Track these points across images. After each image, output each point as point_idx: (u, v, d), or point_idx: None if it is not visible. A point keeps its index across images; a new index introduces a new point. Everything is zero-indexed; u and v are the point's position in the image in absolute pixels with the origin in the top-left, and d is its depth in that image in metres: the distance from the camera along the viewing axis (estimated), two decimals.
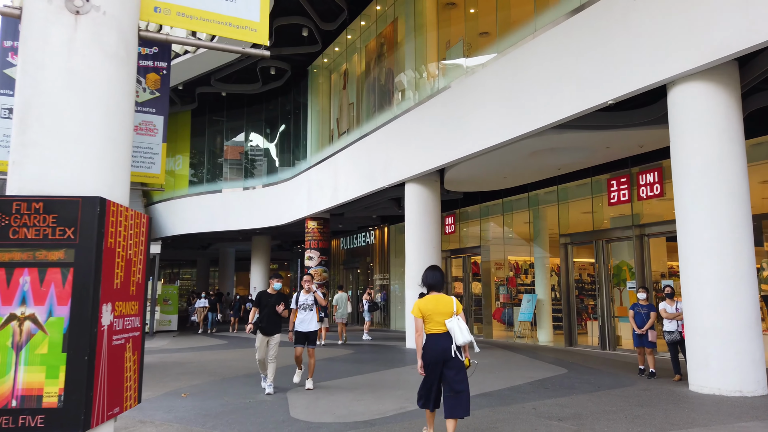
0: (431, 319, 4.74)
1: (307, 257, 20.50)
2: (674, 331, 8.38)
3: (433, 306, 4.77)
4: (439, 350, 4.68)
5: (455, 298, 4.87)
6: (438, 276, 4.95)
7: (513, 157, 12.19)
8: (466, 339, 4.67)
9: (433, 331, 4.74)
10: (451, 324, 4.67)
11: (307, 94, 21.70)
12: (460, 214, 18.39)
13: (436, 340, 4.71)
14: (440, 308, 4.75)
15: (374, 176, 15.62)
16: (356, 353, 12.70)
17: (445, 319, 4.70)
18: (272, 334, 7.72)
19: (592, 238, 13.57)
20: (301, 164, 21.48)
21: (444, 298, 4.83)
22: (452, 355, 4.66)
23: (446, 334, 4.70)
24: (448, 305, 4.77)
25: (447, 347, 4.67)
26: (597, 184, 13.47)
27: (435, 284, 4.91)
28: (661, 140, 10.91)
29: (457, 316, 4.72)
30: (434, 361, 4.70)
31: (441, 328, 4.71)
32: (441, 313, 4.73)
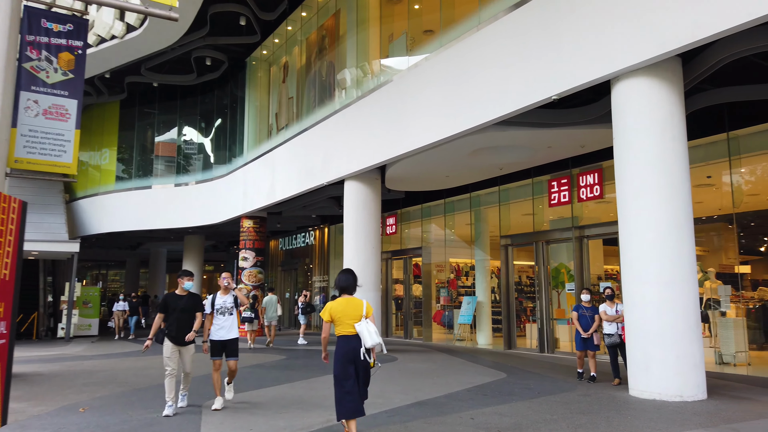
0: (342, 322, 4.82)
1: (242, 258, 19.52)
2: (614, 334, 8.16)
3: (344, 309, 4.84)
4: (350, 350, 4.77)
5: (365, 302, 4.93)
6: (350, 279, 5.02)
7: (455, 155, 11.83)
8: (374, 341, 4.76)
9: (343, 333, 4.82)
10: (360, 327, 4.75)
11: (245, 87, 20.74)
12: (401, 214, 17.96)
13: (347, 342, 4.79)
14: (351, 311, 4.83)
15: (313, 173, 14.94)
16: (288, 359, 11.96)
17: (354, 322, 4.78)
18: (184, 344, 6.53)
19: (532, 240, 13.40)
20: (238, 160, 20.49)
21: (355, 301, 4.90)
22: (361, 357, 4.75)
23: (356, 336, 4.78)
24: (359, 308, 4.86)
25: (357, 348, 4.76)
26: (538, 185, 13.33)
27: (347, 287, 4.98)
28: (602, 141, 10.81)
29: (366, 320, 4.82)
30: (346, 362, 4.76)
31: (351, 330, 4.80)
32: (351, 316, 4.81)
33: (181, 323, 6.54)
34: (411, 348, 14.21)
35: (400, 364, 10.81)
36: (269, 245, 26.77)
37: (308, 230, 23.18)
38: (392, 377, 9.10)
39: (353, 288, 5.00)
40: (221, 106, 22.66)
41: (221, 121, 22.67)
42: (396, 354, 12.62)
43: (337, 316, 4.83)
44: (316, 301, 22.14)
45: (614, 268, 17.65)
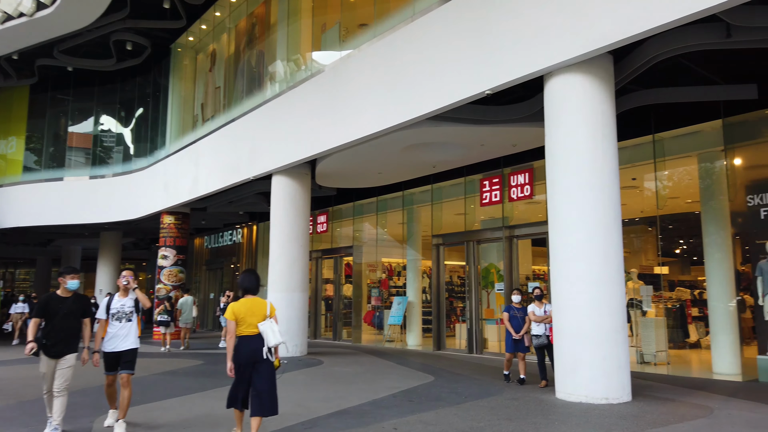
0: (245, 322, 4.85)
1: (161, 256, 18.36)
2: (542, 335, 8.02)
3: (247, 309, 4.87)
4: (249, 352, 4.82)
5: (270, 302, 5.00)
6: (253, 280, 5.07)
7: (388, 150, 11.46)
8: (277, 341, 4.84)
9: (245, 333, 4.85)
10: (264, 327, 4.81)
11: (169, 75, 19.54)
12: (333, 212, 17.44)
13: (248, 342, 4.83)
14: (254, 311, 4.88)
15: (239, 167, 14.15)
16: (205, 364, 11.18)
17: (258, 322, 4.83)
18: (62, 355, 5.47)
19: (463, 240, 13.25)
20: (159, 153, 19.27)
21: (258, 302, 4.95)
22: (263, 356, 4.81)
23: (258, 336, 4.83)
24: (262, 308, 4.92)
25: (258, 349, 4.81)
26: (470, 184, 13.19)
27: (250, 288, 5.02)
28: (533, 140, 10.75)
29: (270, 320, 4.87)
30: (245, 362, 4.82)
31: (254, 331, 4.85)
32: (255, 315, 4.86)
33: (63, 331, 5.50)
34: (339, 350, 13.72)
35: (325, 368, 10.31)
36: (193, 243, 25.49)
37: (235, 228, 22.20)
38: (315, 383, 8.58)
39: (256, 288, 5.05)
40: (143, 95, 21.30)
41: (143, 111, 21.30)
42: (322, 357, 12.10)
43: (240, 316, 4.84)
44: None
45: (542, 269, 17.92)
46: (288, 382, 8.63)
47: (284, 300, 12.52)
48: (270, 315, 4.90)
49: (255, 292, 5.03)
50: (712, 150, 9.54)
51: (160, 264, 18.37)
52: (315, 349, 13.85)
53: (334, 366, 10.65)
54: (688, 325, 13.52)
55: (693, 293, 14.79)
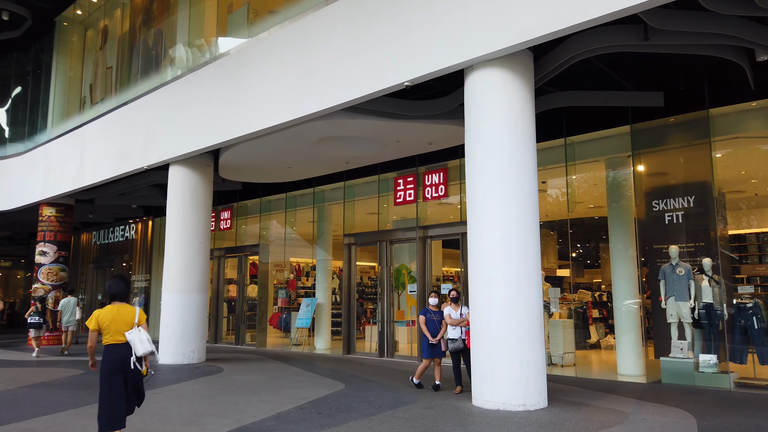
0: (111, 330, 4.60)
1: (40, 252, 16.38)
2: (458, 338, 7.72)
3: (114, 316, 4.62)
4: (117, 361, 4.56)
5: (139, 308, 4.77)
6: (122, 285, 4.87)
7: (298, 143, 10.76)
8: (146, 349, 4.63)
9: (111, 342, 4.59)
10: (132, 335, 4.59)
11: (53, 51, 17.51)
12: (238, 208, 16.39)
13: (115, 351, 4.58)
14: (122, 318, 4.63)
15: (131, 155, 12.81)
16: (85, 373, 9.88)
17: (126, 330, 4.60)
18: None
19: (376, 239, 12.82)
20: (40, 137, 17.21)
21: (126, 309, 4.70)
22: (131, 366, 4.58)
23: (126, 345, 4.59)
24: (131, 316, 4.67)
25: (126, 357, 4.57)
26: (384, 183, 12.79)
27: (117, 294, 4.77)
28: (449, 139, 10.52)
29: (138, 327, 4.66)
30: (114, 372, 4.54)
31: (121, 339, 4.60)
32: (123, 323, 4.62)
33: None
34: (241, 356, 12.80)
35: (225, 377, 9.43)
36: (80, 239, 23.21)
37: (128, 223, 20.39)
38: (213, 395, 7.73)
39: (125, 295, 4.83)
40: (22, 72, 18.98)
41: (21, 90, 18.98)
42: (222, 363, 11.16)
43: (105, 324, 4.58)
44: (135, 304, 19.51)
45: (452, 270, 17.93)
46: (181, 394, 7.72)
47: (180, 302, 11.45)
48: (139, 323, 4.67)
49: (123, 298, 4.78)
50: (619, 155, 9.77)
51: (38, 261, 16.38)
52: (215, 354, 12.84)
53: (235, 374, 9.80)
54: (589, 326, 13.98)
55: (593, 295, 15.38)
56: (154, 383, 8.78)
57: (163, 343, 11.49)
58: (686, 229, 8.86)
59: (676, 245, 8.84)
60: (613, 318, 14.51)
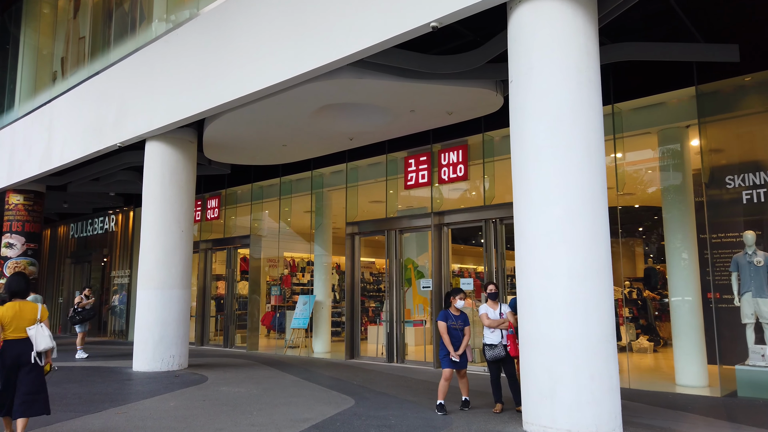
0: (12, 326, 4.71)
1: (6, 244, 14.70)
2: (498, 344, 6.17)
3: (15, 313, 4.73)
4: (15, 356, 4.69)
5: (41, 305, 4.90)
6: (22, 283, 4.97)
7: (294, 113, 9.19)
8: (47, 345, 4.76)
9: (12, 337, 4.72)
10: (32, 331, 4.74)
11: (21, 23, 15.82)
12: (226, 195, 14.78)
13: (14, 346, 4.71)
14: (24, 315, 4.76)
15: (103, 131, 11.18)
16: None
17: (27, 326, 4.74)
18: None
19: (383, 228, 11.25)
20: (5, 117, 15.52)
21: (28, 305, 4.82)
22: (31, 360, 4.70)
23: (25, 340, 4.73)
24: (33, 312, 4.82)
25: (24, 352, 4.70)
26: (393, 164, 11.23)
27: (18, 291, 4.91)
28: (472, 108, 8.99)
29: (40, 323, 4.80)
30: (10, 365, 4.68)
31: (21, 335, 4.73)
32: (24, 319, 4.75)
33: None
34: (230, 361, 11.21)
35: (208, 389, 7.85)
36: (56, 232, 21.51)
37: (108, 214, 18.71)
38: (190, 415, 6.15)
39: (25, 292, 4.97)
40: None
41: None
42: (207, 371, 9.57)
43: (6, 320, 4.70)
44: (115, 302, 17.87)
45: (468, 267, 16.21)
46: (150, 414, 6.13)
47: (157, 299, 9.84)
48: (41, 319, 4.84)
49: (23, 295, 4.94)
50: (677, 125, 8.26)
51: (4, 254, 14.70)
52: (200, 359, 11.24)
53: (220, 384, 8.22)
54: (619, 326, 12.49)
55: (623, 291, 13.88)
56: (119, 398, 7.19)
57: (139, 347, 9.89)
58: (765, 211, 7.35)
59: (752, 231, 7.34)
60: (647, 318, 13.09)
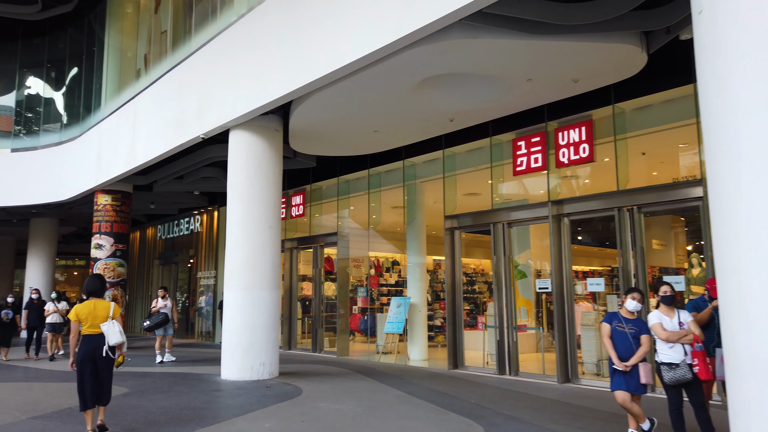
0: (87, 322, 5.24)
1: (95, 245, 14.62)
2: (680, 363, 4.72)
3: (90, 310, 5.26)
4: (90, 349, 5.21)
5: (114, 303, 5.41)
6: (97, 283, 5.49)
7: (390, 90, 8.06)
8: (118, 340, 5.27)
9: (87, 333, 5.24)
10: (106, 327, 5.24)
11: (106, 23, 15.77)
12: (311, 191, 13.95)
13: (89, 341, 5.23)
14: (97, 312, 5.28)
15: (185, 123, 10.58)
16: (131, 395, 7.58)
17: (101, 323, 5.25)
18: None
19: (488, 221, 9.92)
20: (94, 118, 15.50)
21: (102, 303, 5.38)
22: (103, 354, 5.22)
23: (99, 336, 5.24)
24: (105, 310, 5.34)
25: (98, 347, 5.23)
26: (497, 148, 9.88)
27: (93, 291, 5.43)
28: (604, 72, 7.50)
29: (112, 320, 5.29)
30: (86, 358, 5.18)
31: (96, 330, 5.25)
32: (97, 316, 5.27)
33: None
34: (322, 368, 10.27)
35: (305, 404, 6.86)
36: (145, 233, 21.73)
37: (193, 214, 18.51)
38: None
39: (101, 292, 5.48)
40: (77, 51, 17.43)
41: (77, 71, 17.45)
42: (299, 381, 8.63)
43: (83, 317, 5.23)
44: (201, 303, 17.59)
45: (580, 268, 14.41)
46: None
47: (244, 301, 9.05)
48: (113, 316, 5.29)
49: (99, 294, 5.42)
50: None
51: (93, 255, 14.64)
52: (290, 366, 10.40)
53: (318, 399, 7.23)
54: None
55: None
56: (208, 415, 6.33)
57: (227, 353, 9.12)
58: None
59: None
60: None
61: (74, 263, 35.20)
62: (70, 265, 34.93)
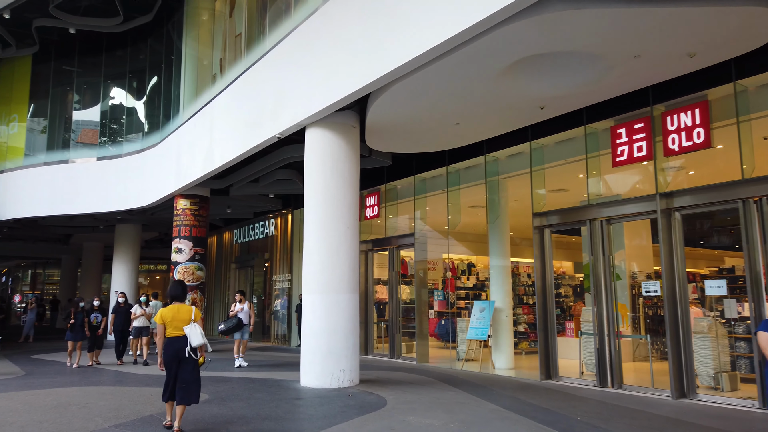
0: (171, 325, 5.67)
1: (175, 249, 14.84)
2: None
3: (174, 314, 5.70)
4: (174, 351, 5.63)
5: (195, 308, 5.82)
6: (179, 289, 5.94)
7: (476, 76, 7.42)
8: (199, 342, 5.65)
9: (171, 335, 5.67)
10: (188, 329, 5.65)
11: (183, 31, 16.04)
12: (386, 191, 13.49)
13: (173, 343, 5.66)
14: (180, 316, 5.71)
15: (261, 123, 10.39)
16: (212, 402, 7.34)
17: (184, 326, 5.66)
18: None
19: (583, 218, 9.05)
20: (172, 124, 15.78)
21: (184, 308, 5.80)
22: (186, 354, 5.62)
23: (183, 338, 5.65)
24: (188, 313, 5.75)
25: (182, 348, 5.63)
26: (593, 137, 9.00)
27: (176, 296, 5.89)
28: (723, 43, 6.53)
29: (194, 323, 5.70)
30: (171, 359, 5.63)
31: (179, 333, 5.66)
32: (181, 320, 5.69)
33: None
34: (403, 376, 9.73)
35: (393, 417, 6.33)
36: (222, 238, 22.09)
37: (268, 218, 18.56)
38: None
39: (182, 296, 5.91)
40: (156, 61, 17.90)
41: (156, 80, 17.91)
42: (382, 390, 8.12)
43: (168, 320, 5.67)
44: (277, 307, 17.55)
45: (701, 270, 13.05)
46: None
47: (322, 304, 8.68)
48: (195, 319, 5.71)
49: (181, 299, 5.87)
50: None
51: (174, 259, 14.86)
52: (369, 372, 9.94)
53: (405, 411, 6.68)
54: None
55: None
56: (291, 428, 5.92)
57: (306, 359, 8.77)
58: None
59: None
60: None
61: (156, 268, 36.72)
62: (153, 270, 36.47)
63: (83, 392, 8.16)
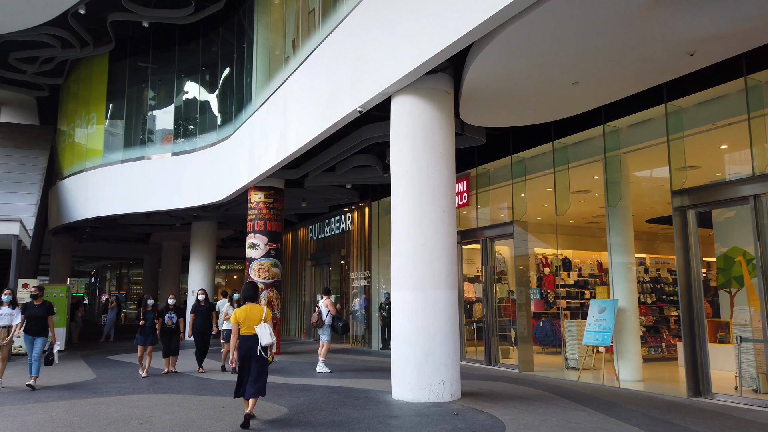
0: (244, 324, 5.89)
1: (250, 244, 13.98)
2: None
3: (246, 314, 5.91)
4: (246, 348, 5.86)
5: (266, 308, 6.06)
6: (251, 290, 6.15)
7: (607, 19, 5.78)
8: (268, 341, 5.86)
9: (244, 334, 5.90)
10: (259, 329, 5.86)
11: (254, 17, 15.21)
12: (477, 176, 11.95)
13: (246, 341, 5.88)
14: (252, 316, 5.92)
15: (338, 99, 9.16)
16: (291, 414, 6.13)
17: (255, 325, 5.87)
18: None
19: (748, 193, 7.14)
20: (244, 114, 14.97)
21: (256, 308, 6.00)
22: (257, 353, 5.83)
23: (254, 336, 5.87)
24: (259, 314, 5.96)
25: (253, 346, 5.85)
26: (756, 91, 7.09)
27: (248, 297, 6.11)
28: None
29: (264, 323, 5.90)
30: (244, 356, 5.85)
31: (251, 332, 5.88)
32: (252, 319, 5.90)
33: None
34: (508, 387, 8.18)
35: None
36: (297, 234, 21.28)
37: (344, 212, 17.47)
38: None
39: (255, 297, 6.13)
40: (228, 52, 17.24)
41: (229, 71, 17.26)
42: (492, 407, 6.62)
43: (241, 319, 5.87)
44: (355, 306, 16.41)
45: None
46: None
47: (415, 303, 7.31)
48: (265, 320, 5.92)
49: (254, 300, 6.11)
50: None
51: (248, 255, 14.01)
52: (468, 383, 8.45)
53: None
54: None
55: None
56: None
57: (398, 367, 7.42)
58: None
59: None
60: None
61: (233, 267, 36.84)
62: (230, 269, 36.60)
63: (150, 403, 7.22)
